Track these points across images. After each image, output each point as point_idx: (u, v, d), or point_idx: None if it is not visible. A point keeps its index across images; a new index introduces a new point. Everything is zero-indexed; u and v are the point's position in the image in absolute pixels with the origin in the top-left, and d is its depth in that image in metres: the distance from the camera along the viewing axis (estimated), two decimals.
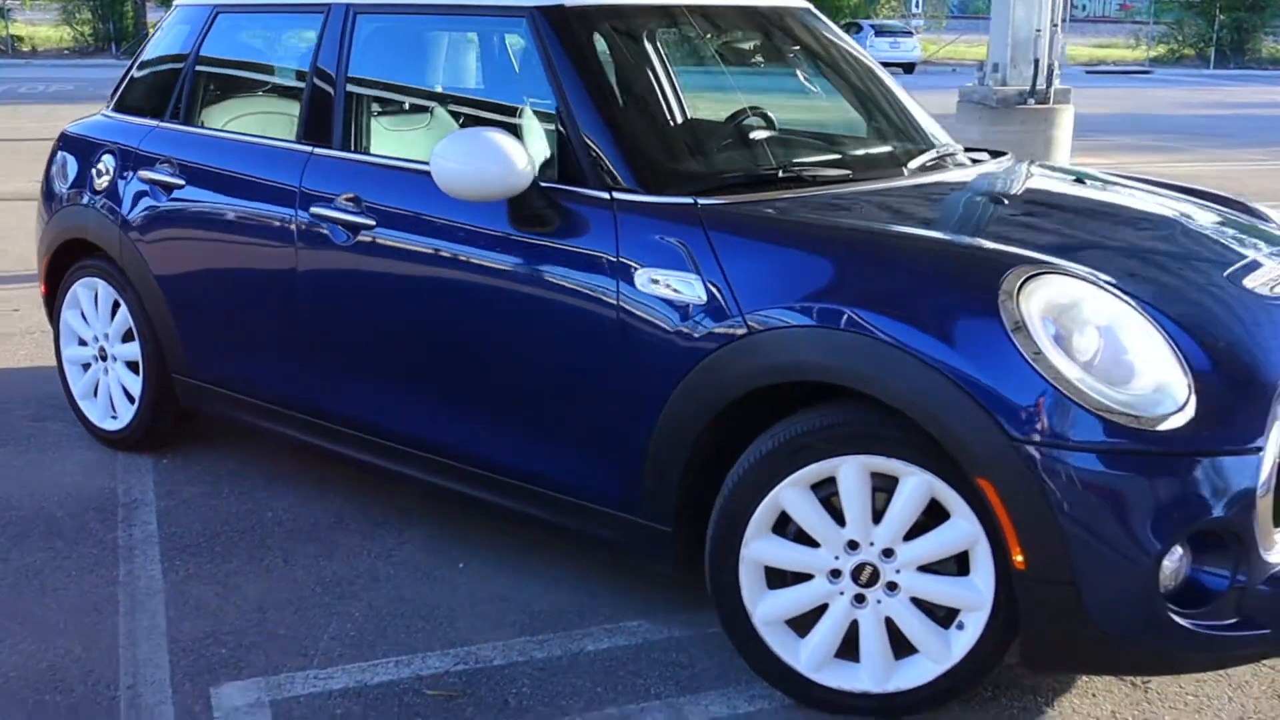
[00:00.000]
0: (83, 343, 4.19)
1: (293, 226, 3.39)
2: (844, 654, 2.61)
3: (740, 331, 2.60)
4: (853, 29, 34.55)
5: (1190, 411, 2.34)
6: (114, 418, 4.11)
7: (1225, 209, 3.32)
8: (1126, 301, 2.44)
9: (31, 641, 2.92)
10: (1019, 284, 2.40)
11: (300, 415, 3.53)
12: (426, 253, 3.11)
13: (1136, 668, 2.55)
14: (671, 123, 3.29)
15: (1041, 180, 3.45)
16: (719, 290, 2.64)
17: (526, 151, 2.83)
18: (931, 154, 3.34)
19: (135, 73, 4.18)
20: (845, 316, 2.47)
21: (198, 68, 3.89)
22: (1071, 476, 2.30)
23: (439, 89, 3.51)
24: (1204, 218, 3.17)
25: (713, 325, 2.64)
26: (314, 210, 3.33)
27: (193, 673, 2.79)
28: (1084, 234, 2.90)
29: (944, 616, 2.54)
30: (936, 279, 2.48)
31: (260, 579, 3.25)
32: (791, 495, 2.54)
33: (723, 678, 2.77)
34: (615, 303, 2.78)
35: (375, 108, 3.43)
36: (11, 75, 24.98)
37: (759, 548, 2.59)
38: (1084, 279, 2.46)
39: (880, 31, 34.03)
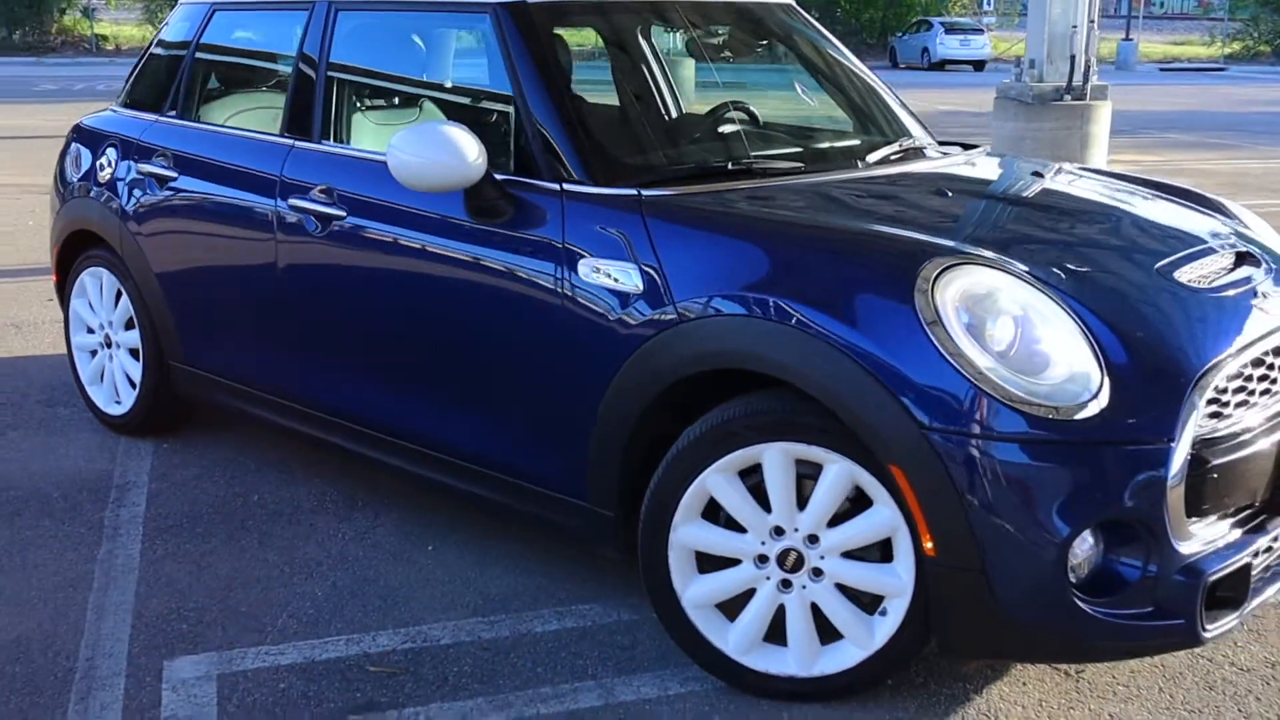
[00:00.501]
0: (90, 330, 4.35)
1: (273, 217, 3.50)
2: (773, 638, 2.65)
3: (672, 319, 2.65)
4: (922, 26, 34.28)
5: (1102, 402, 2.35)
6: (118, 403, 4.25)
7: (1190, 205, 3.30)
8: (1044, 292, 2.46)
9: (4, 615, 3.05)
10: (935, 274, 2.43)
11: (279, 400, 3.64)
12: (389, 242, 3.20)
13: (1048, 655, 2.57)
14: (629, 116, 3.33)
15: (998, 173, 3.45)
16: (654, 279, 2.70)
17: (479, 144, 2.90)
18: (893, 147, 3.36)
19: (141, 68, 4.32)
20: (768, 305, 2.52)
21: (194, 63, 4.02)
22: (979, 464, 2.33)
23: (411, 83, 3.60)
24: (1159, 213, 3.17)
25: (648, 313, 2.70)
26: (292, 201, 3.44)
27: (150, 646, 2.90)
28: (1020, 226, 2.92)
29: (869, 602, 2.57)
30: (855, 269, 2.51)
31: (233, 559, 3.36)
32: (718, 481, 2.59)
33: (661, 660, 2.82)
34: (560, 291, 2.85)
35: (352, 101, 3.53)
36: (95, 73, 25.57)
37: (687, 532, 2.64)
38: (1001, 269, 2.48)
39: (950, 29, 33.70)
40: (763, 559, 2.60)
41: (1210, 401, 2.44)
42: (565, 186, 2.91)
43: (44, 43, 32.15)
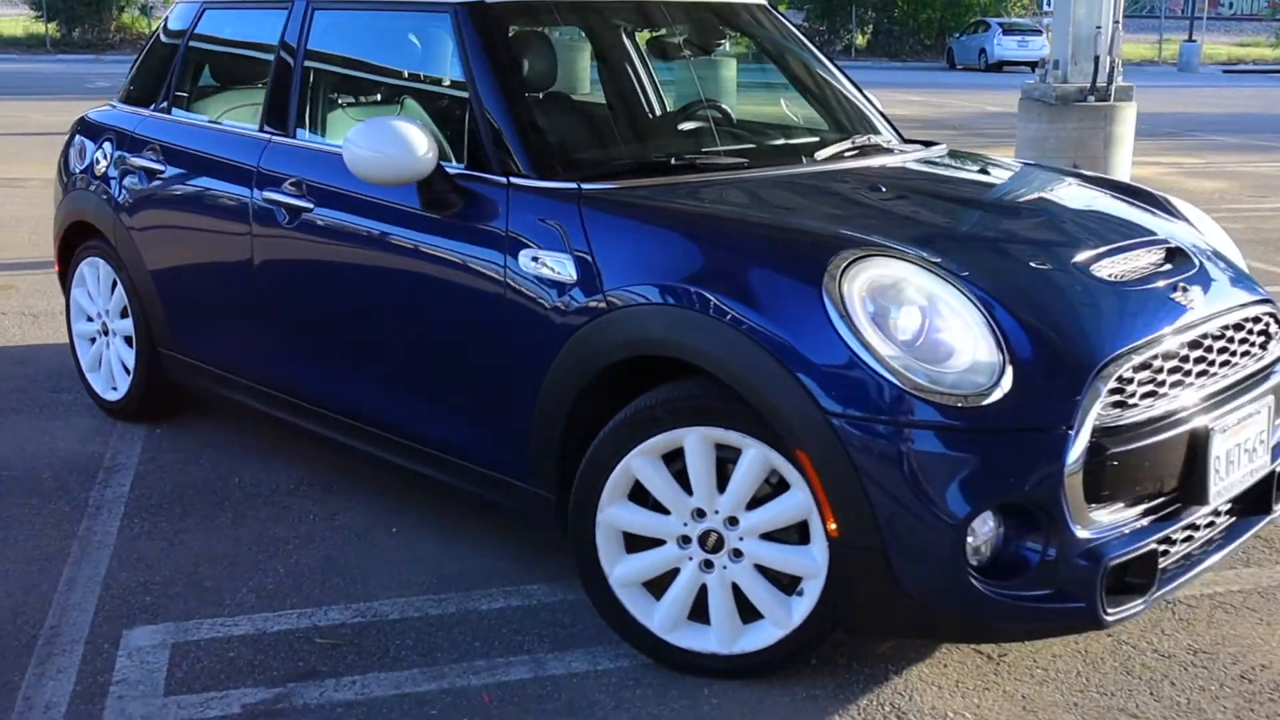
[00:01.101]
0: (89, 319, 4.51)
1: (250, 209, 3.64)
2: (698, 617, 2.74)
3: (602, 308, 2.75)
4: (980, 27, 34.04)
5: (1002, 390, 2.42)
6: (114, 389, 4.42)
7: (1134, 202, 3.34)
8: (951, 283, 2.52)
9: None
10: (844, 265, 2.50)
11: (256, 386, 3.78)
12: (351, 232, 3.33)
13: (950, 634, 2.64)
14: (578, 113, 3.42)
15: (943, 170, 3.51)
16: (588, 269, 2.80)
17: (429, 139, 3.01)
18: (844, 145, 3.44)
19: (139, 64, 4.49)
20: (687, 295, 2.61)
21: (185, 59, 4.18)
22: (880, 449, 2.40)
23: (380, 80, 3.72)
24: (1095, 210, 3.22)
25: (581, 302, 2.80)
26: (265, 194, 3.57)
27: (113, 616, 3.04)
28: (944, 220, 2.99)
29: (789, 583, 2.65)
30: (769, 260, 2.60)
31: (205, 537, 3.50)
32: (641, 464, 2.68)
33: (596, 638, 2.91)
34: (503, 280, 2.95)
35: (325, 96, 3.66)
36: None
37: (614, 513, 2.74)
38: (910, 261, 2.55)
39: (1009, 29, 33.43)
40: (685, 540, 2.69)
41: (1114, 391, 2.50)
42: (512, 180, 3.02)
43: (103, 40, 32.80)
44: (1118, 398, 2.52)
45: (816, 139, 3.51)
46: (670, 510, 2.69)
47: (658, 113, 3.55)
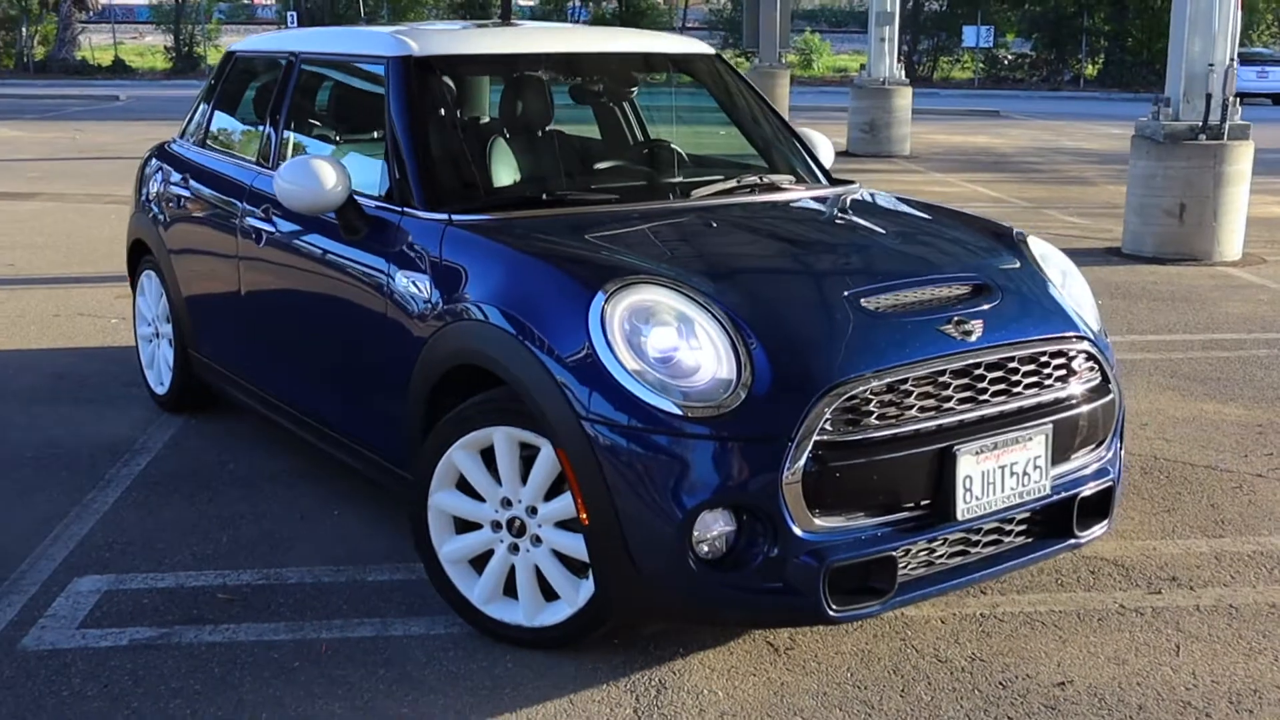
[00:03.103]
0: (147, 324, 5.23)
1: (238, 229, 4.24)
2: (514, 592, 3.14)
3: (445, 323, 3.20)
4: None
5: (734, 404, 2.75)
6: (161, 384, 5.11)
7: (978, 238, 3.57)
8: (705, 307, 2.86)
9: None
10: (613, 290, 2.88)
11: (243, 383, 4.38)
12: (294, 251, 3.89)
13: (686, 618, 2.97)
14: (471, 152, 3.86)
15: (807, 207, 3.83)
16: (439, 288, 3.26)
17: (339, 175, 3.52)
18: (727, 184, 3.79)
19: (194, 104, 5.19)
20: (494, 312, 3.04)
21: (217, 99, 4.85)
22: (620, 450, 2.77)
23: (339, 121, 4.26)
24: (915, 245, 3.51)
25: (433, 316, 3.26)
26: (247, 218, 4.17)
27: (73, 567, 3.65)
28: (740, 252, 3.33)
29: (582, 567, 3.03)
30: (554, 286, 3.00)
31: (179, 510, 4.09)
32: (462, 457, 3.11)
33: (445, 609, 3.33)
34: (386, 295, 3.44)
35: (297, 135, 4.23)
36: None
37: (441, 499, 3.17)
38: (672, 287, 2.90)
39: (1247, 60, 32.05)
40: (497, 525, 3.10)
41: (846, 410, 2.78)
42: (405, 210, 3.51)
43: None
44: (851, 416, 2.80)
45: (695, 177, 3.87)
46: (485, 499, 3.11)
47: (561, 152, 3.97)
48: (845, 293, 3.02)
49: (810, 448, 2.73)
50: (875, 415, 2.83)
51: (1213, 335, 6.44)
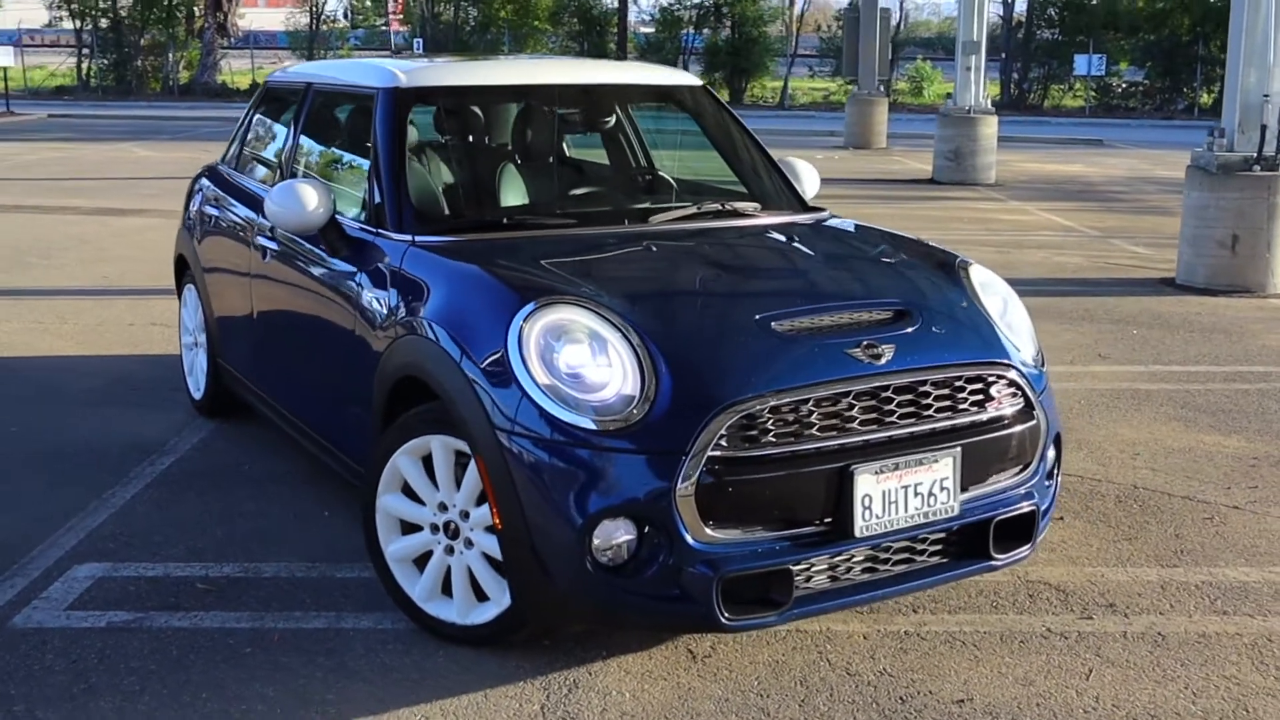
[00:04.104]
0: (189, 332, 5.59)
1: (252, 247, 4.55)
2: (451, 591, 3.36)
3: (397, 336, 3.44)
4: None
5: (634, 419, 2.93)
6: (198, 390, 5.46)
7: (918, 265, 3.69)
8: (618, 327, 3.05)
9: (11, 521, 4.22)
10: (532, 309, 3.08)
11: (255, 390, 4.69)
12: (288, 267, 4.17)
13: (592, 621, 3.13)
14: (442, 179, 4.11)
15: (757, 233, 3.97)
16: (396, 305, 3.50)
17: (322, 198, 3.80)
18: (687, 210, 3.97)
19: (236, 130, 5.54)
20: (431, 329, 3.27)
21: (250, 126, 5.18)
22: (528, 459, 2.97)
23: (340, 147, 4.55)
24: (844, 271, 3.66)
25: (388, 331, 3.50)
26: (258, 238, 4.48)
27: (78, 555, 3.97)
28: (669, 275, 3.52)
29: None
30: (482, 304, 3.22)
31: (187, 506, 4.40)
32: (404, 462, 3.34)
33: (396, 606, 3.56)
34: (356, 309, 3.70)
35: (306, 159, 4.53)
36: None
37: (387, 501, 3.40)
38: (586, 306, 3.09)
39: None
40: (435, 528, 3.32)
41: (742, 428, 2.94)
42: (379, 232, 3.76)
43: None
44: (748, 433, 2.95)
45: (664, 203, 4.06)
46: (425, 502, 3.33)
47: (531, 179, 4.19)
48: (757, 316, 3.18)
49: (705, 462, 2.89)
50: (773, 434, 2.98)
51: (1240, 368, 6.38)
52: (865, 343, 3.15)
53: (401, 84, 4.05)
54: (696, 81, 4.60)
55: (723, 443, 2.92)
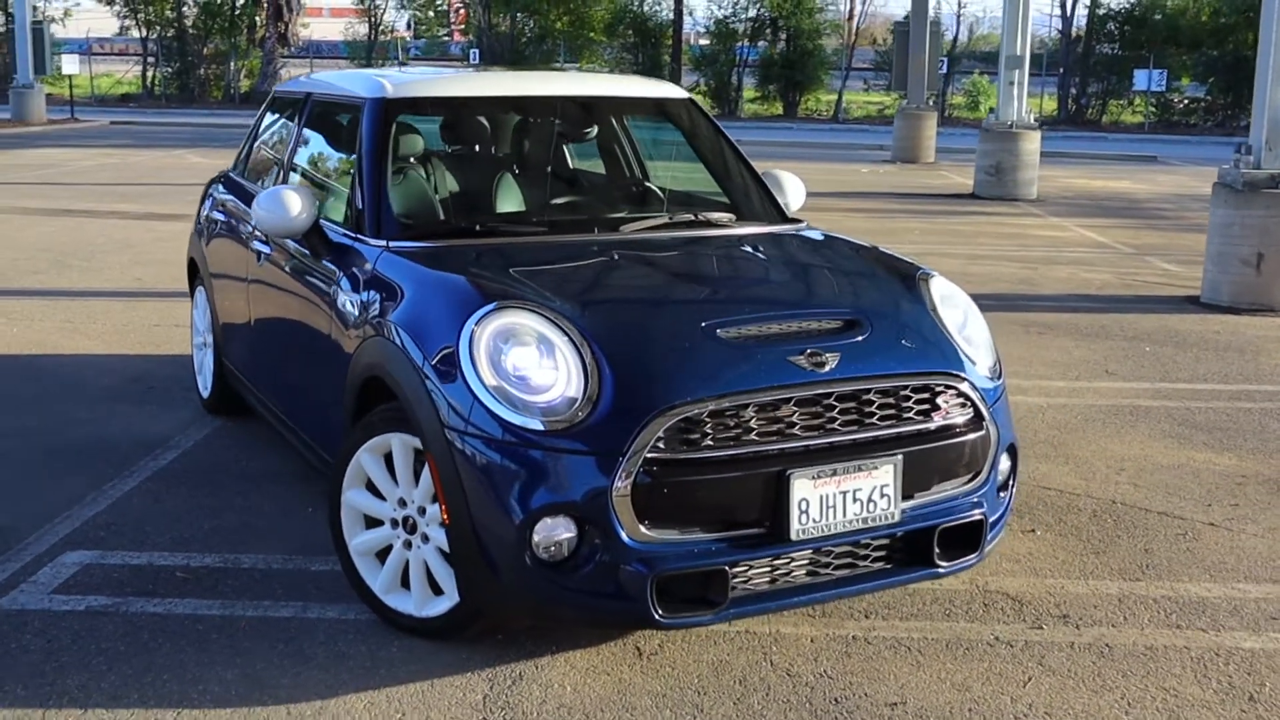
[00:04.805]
0: (199, 333, 5.77)
1: (248, 249, 4.71)
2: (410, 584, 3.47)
3: (366, 337, 3.56)
4: None
5: (576, 420, 3.02)
6: (206, 389, 5.63)
7: (879, 276, 3.76)
8: (566, 331, 3.14)
9: (10, 506, 4.40)
10: (484, 313, 3.19)
11: (251, 388, 4.84)
12: (275, 269, 4.31)
13: (533, 617, 3.23)
14: (419, 186, 4.23)
15: (720, 243, 4.05)
16: (366, 308, 3.62)
17: (304, 204, 3.93)
18: (658, 219, 4.06)
19: (246, 138, 5.72)
20: (393, 330, 3.39)
21: (257, 134, 5.35)
22: (475, 457, 3.07)
23: (331, 154, 4.69)
24: (797, 282, 3.77)
25: (359, 331, 3.62)
26: (253, 241, 4.63)
27: (70, 542, 4.13)
28: (622, 283, 3.63)
29: None
30: (438, 308, 3.33)
31: (180, 500, 4.55)
32: (367, 459, 3.46)
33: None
34: (333, 310, 3.83)
35: (300, 166, 4.68)
36: None
37: (351, 496, 3.52)
38: (536, 311, 3.19)
39: None
40: (395, 522, 3.43)
41: (680, 430, 3.02)
42: (357, 236, 3.89)
43: None
44: (687, 436, 3.03)
45: (640, 212, 4.16)
46: (386, 498, 3.45)
47: (507, 187, 4.31)
48: (703, 323, 3.26)
49: (641, 464, 2.98)
50: (711, 437, 3.06)
51: (1247, 386, 6.34)
52: (809, 351, 3.22)
53: (388, 94, 4.19)
54: (683, 94, 4.69)
55: (660, 445, 3.00)
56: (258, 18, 39.29)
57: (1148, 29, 33.63)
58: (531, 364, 3.12)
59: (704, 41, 40.32)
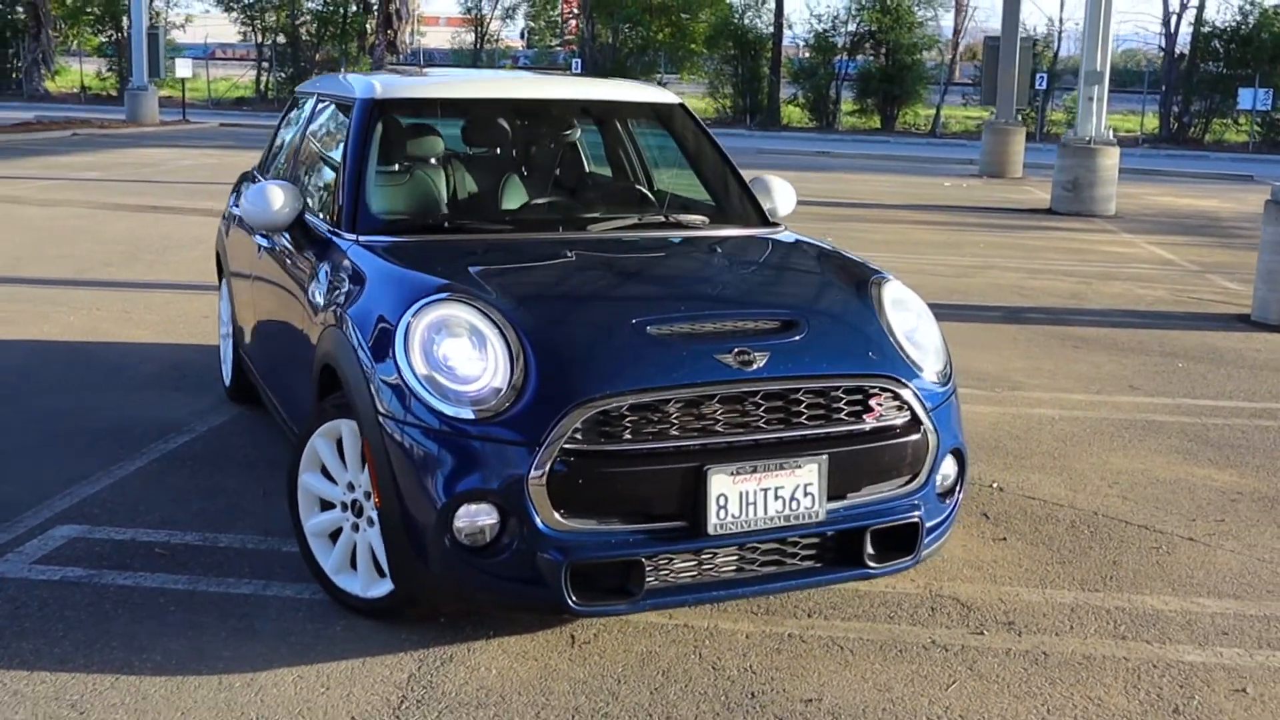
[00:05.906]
0: (225, 324, 5.99)
1: (254, 244, 4.89)
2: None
3: (329, 325, 3.70)
4: None
5: (499, 409, 3.12)
6: (228, 378, 5.84)
7: (829, 280, 3.80)
8: (497, 324, 3.24)
9: (19, 482, 4.63)
10: (421, 305, 3.30)
11: (256, 377, 5.02)
12: (274, 265, 4.49)
13: (455, 601, 3.31)
14: (395, 183, 4.36)
15: (686, 243, 4.13)
16: (330, 299, 3.76)
17: (287, 199, 4.10)
18: (626, 220, 4.14)
19: (271, 136, 5.93)
20: (345, 321, 3.51)
21: (277, 133, 5.55)
22: (404, 443, 3.18)
23: (327, 152, 4.84)
24: (742, 284, 3.83)
25: (324, 320, 3.76)
26: (255, 235, 4.82)
27: (64, 516, 4.34)
28: (568, 279, 3.73)
29: None
30: (383, 300, 3.45)
31: (179, 480, 4.74)
32: (320, 444, 3.59)
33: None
34: (307, 300, 3.98)
35: (300, 163, 4.85)
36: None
37: (306, 480, 3.65)
38: (469, 304, 3.29)
39: None
40: (345, 506, 3.56)
41: (598, 423, 3.09)
42: (335, 230, 4.04)
43: None
44: (606, 429, 3.10)
45: (609, 213, 4.24)
46: (337, 482, 3.57)
47: (482, 185, 4.42)
48: (634, 319, 3.32)
49: (559, 454, 3.06)
50: (630, 430, 3.12)
51: (1272, 405, 6.19)
52: (737, 350, 3.26)
53: (376, 95, 4.33)
54: (673, 99, 4.76)
55: (578, 436, 3.08)
56: (368, 25, 40.20)
57: (1254, 48, 32.66)
58: (462, 355, 3.22)
59: (806, 53, 40.18)
